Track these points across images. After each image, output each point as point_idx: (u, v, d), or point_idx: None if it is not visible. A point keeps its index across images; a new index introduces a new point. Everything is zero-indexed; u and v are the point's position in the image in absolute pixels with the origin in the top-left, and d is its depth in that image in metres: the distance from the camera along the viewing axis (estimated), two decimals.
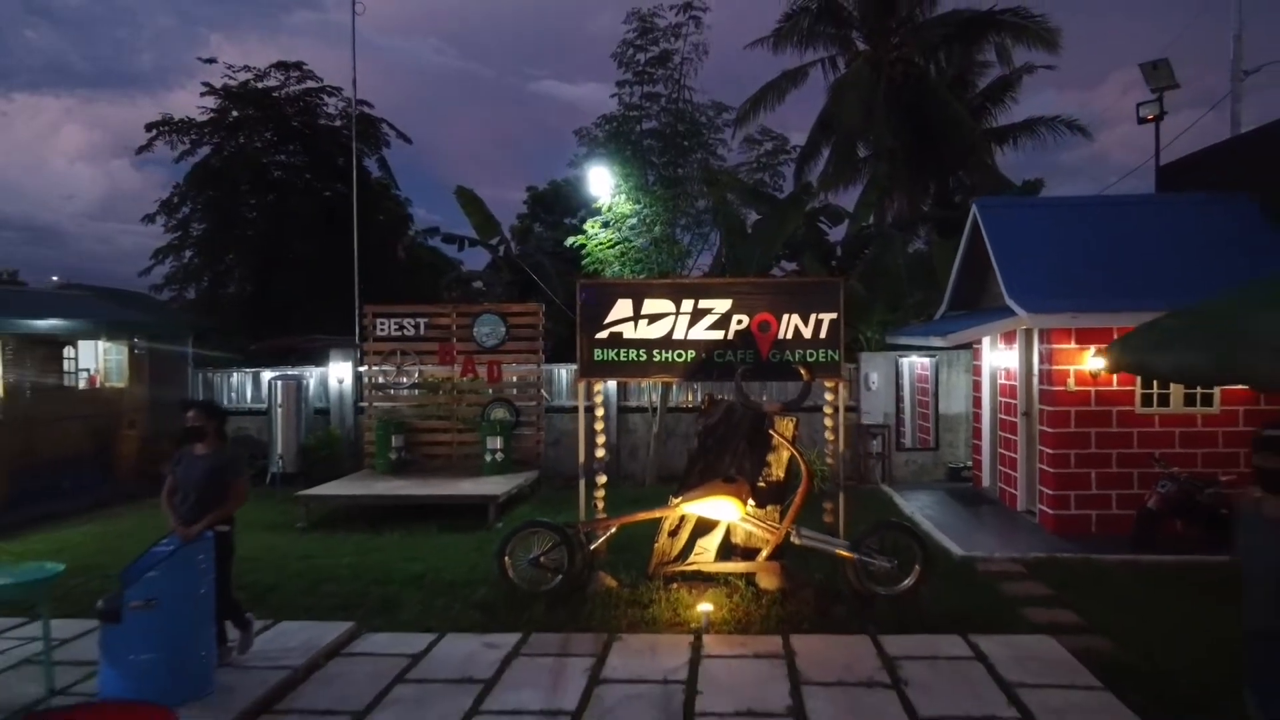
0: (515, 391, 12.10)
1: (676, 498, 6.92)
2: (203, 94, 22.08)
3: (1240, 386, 7.80)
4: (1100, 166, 61.60)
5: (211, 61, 22.06)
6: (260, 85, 22.43)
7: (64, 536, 9.35)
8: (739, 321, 7.28)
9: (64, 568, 5.19)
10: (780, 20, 21.18)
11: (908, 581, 6.66)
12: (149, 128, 21.99)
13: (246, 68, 22.29)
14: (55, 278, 17.91)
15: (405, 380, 11.94)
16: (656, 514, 7.12)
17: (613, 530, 7.18)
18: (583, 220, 25.80)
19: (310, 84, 22.96)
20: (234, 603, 5.35)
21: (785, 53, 21.65)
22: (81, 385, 11.66)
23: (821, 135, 22.15)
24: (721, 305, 7.33)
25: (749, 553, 6.98)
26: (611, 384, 11.57)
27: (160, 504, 5.30)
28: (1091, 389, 8.81)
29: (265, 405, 12.58)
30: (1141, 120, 12.04)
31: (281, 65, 22.55)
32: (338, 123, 23.25)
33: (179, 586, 4.80)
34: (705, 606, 6.37)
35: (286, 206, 21.90)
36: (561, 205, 28.12)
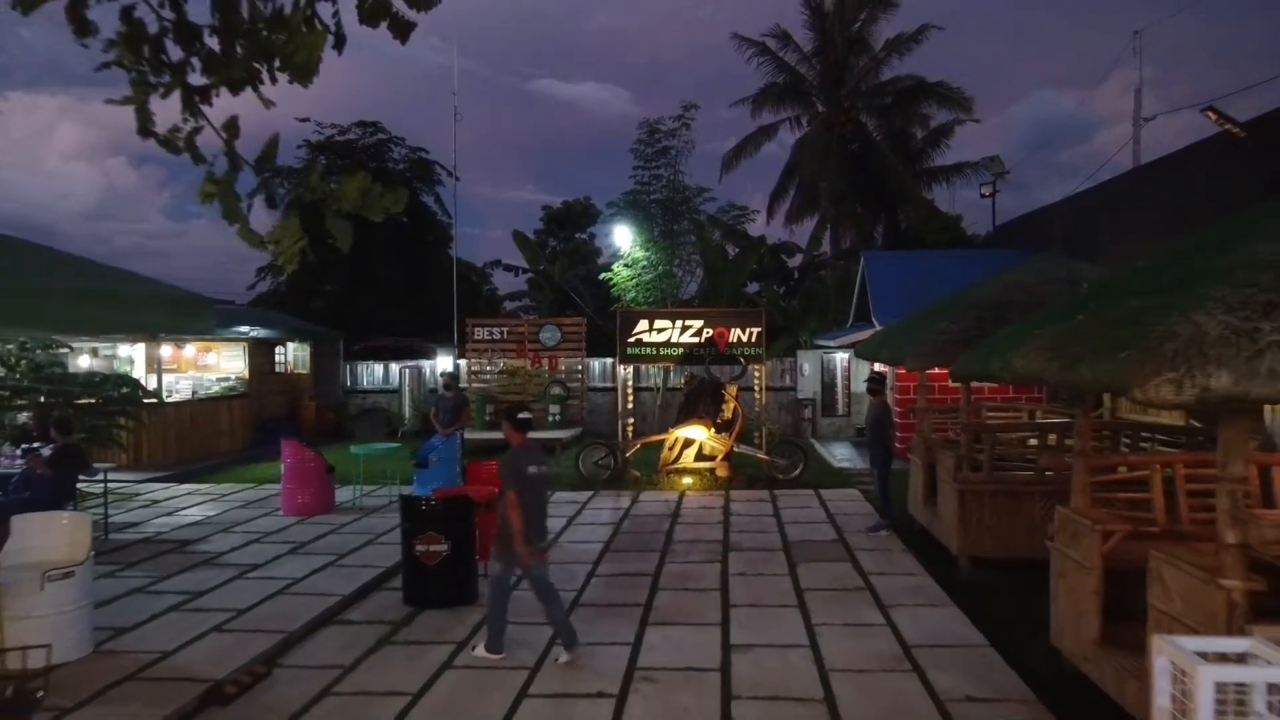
0: (565, 376, 17.98)
1: (673, 428, 12.84)
2: (298, 147, 27.98)
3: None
4: (1091, 164, 68.89)
5: (305, 120, 27.89)
6: (343, 139, 28.36)
7: None
8: (707, 332, 13.21)
9: (399, 446, 11.12)
10: (756, 92, 27.07)
11: (796, 472, 12.56)
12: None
13: (333, 124, 28.21)
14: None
15: (492, 368, 17.85)
16: (662, 437, 13.04)
17: (637, 447, 13.09)
18: (592, 237, 31.85)
19: (381, 136, 28.90)
20: (463, 467, 11.25)
21: (761, 116, 27.52)
22: (281, 371, 17.58)
23: (789, 179, 28.02)
24: (697, 323, 13.27)
25: (711, 458, 12.86)
26: (631, 370, 17.44)
27: (431, 420, 11.21)
28: (922, 370, 14.64)
29: (393, 386, 18.51)
30: (983, 195, 17.94)
31: (361, 123, 28.49)
32: (401, 166, 29.27)
33: (449, 454, 10.70)
34: (687, 481, 12.31)
35: (363, 235, 27.78)
36: (573, 223, 33.87)
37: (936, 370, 8.75)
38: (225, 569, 7.75)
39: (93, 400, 10.81)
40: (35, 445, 9.19)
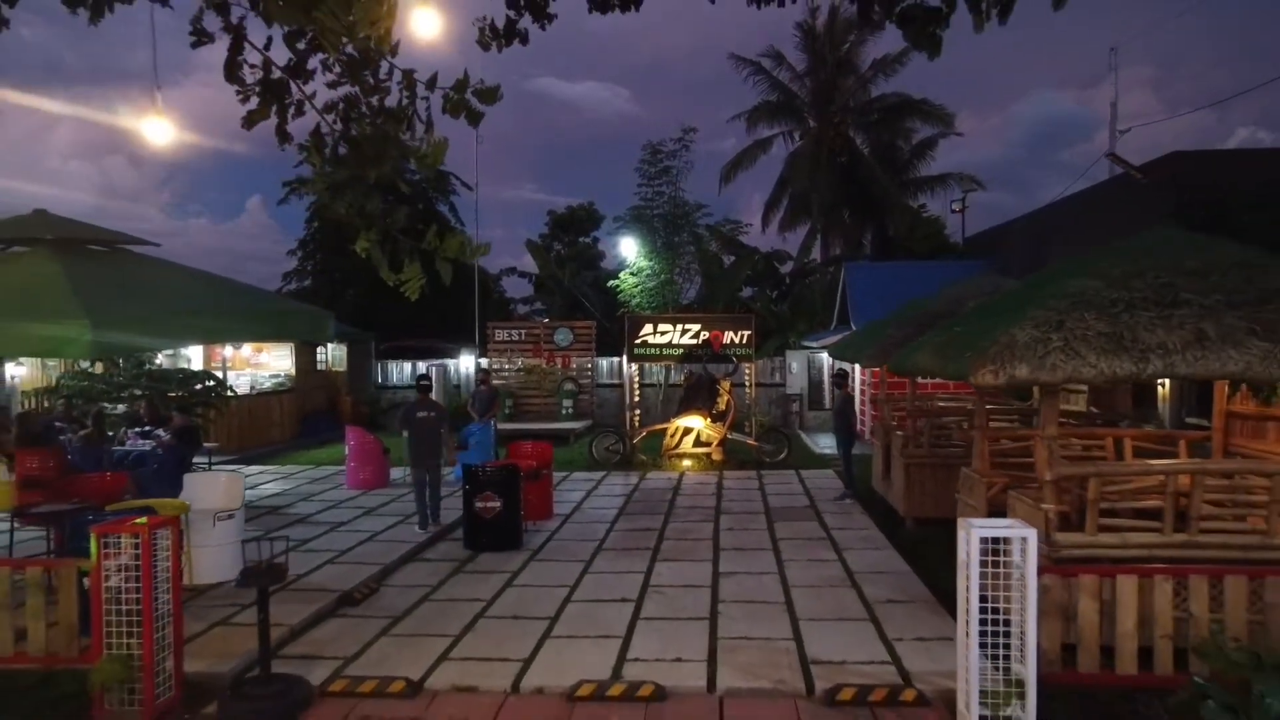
0: (577, 373, 19.91)
1: (674, 418, 14.78)
2: None
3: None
4: (1088, 162, 71.89)
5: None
6: None
7: (333, 451, 17.13)
8: (704, 334, 15.13)
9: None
10: (751, 109, 28.98)
11: (781, 456, 14.49)
12: (285, 184, 29.82)
13: None
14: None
15: (511, 366, 19.78)
16: (664, 426, 14.98)
17: (643, 434, 15.02)
18: (596, 241, 33.77)
19: None
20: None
21: (756, 130, 29.42)
22: (321, 369, 19.50)
23: (782, 189, 29.93)
24: (696, 326, 15.20)
25: (707, 444, 14.79)
26: (637, 368, 19.39)
27: (468, 409, 13.13)
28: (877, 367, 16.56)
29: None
30: (953, 211, 19.87)
31: None
32: (418, 176, 31.17)
33: (485, 437, 12.63)
34: (686, 463, 14.25)
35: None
36: (577, 227, 35.76)
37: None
38: (318, 525, 9.68)
39: (180, 394, 12.72)
40: (148, 428, 11.12)
